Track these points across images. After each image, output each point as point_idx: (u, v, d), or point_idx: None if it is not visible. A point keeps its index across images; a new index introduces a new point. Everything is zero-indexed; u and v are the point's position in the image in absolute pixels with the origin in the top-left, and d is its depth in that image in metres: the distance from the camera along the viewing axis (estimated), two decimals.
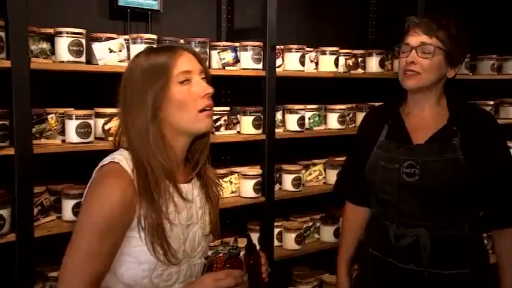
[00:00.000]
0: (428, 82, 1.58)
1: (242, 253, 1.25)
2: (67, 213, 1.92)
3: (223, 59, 2.27)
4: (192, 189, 1.26)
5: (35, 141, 1.82)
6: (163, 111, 1.17)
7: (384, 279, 1.66)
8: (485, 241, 1.66)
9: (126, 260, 1.16)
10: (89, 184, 1.19)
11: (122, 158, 1.17)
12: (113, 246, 1.14)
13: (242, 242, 1.28)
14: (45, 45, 1.86)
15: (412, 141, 1.61)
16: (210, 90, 1.21)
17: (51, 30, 1.90)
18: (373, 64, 2.76)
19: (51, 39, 1.89)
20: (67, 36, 1.88)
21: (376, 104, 2.76)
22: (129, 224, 1.15)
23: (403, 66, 1.60)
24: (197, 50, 2.16)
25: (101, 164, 1.19)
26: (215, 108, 2.34)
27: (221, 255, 1.22)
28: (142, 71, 1.18)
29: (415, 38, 1.57)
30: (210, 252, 1.31)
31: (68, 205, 1.92)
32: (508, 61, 3.29)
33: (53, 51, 1.90)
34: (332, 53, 2.57)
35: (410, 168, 1.57)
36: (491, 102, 3.20)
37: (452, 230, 1.57)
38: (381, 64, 2.76)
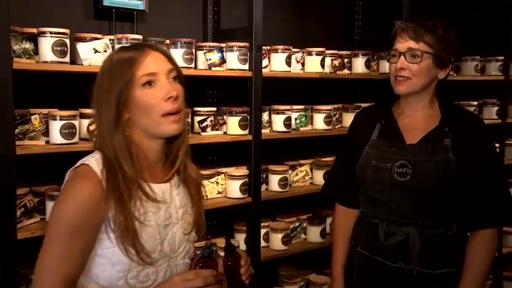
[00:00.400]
0: (419, 86, 1.61)
1: (222, 254, 1.25)
2: None
3: (210, 59, 2.26)
4: (170, 189, 1.25)
5: (18, 142, 1.80)
6: (130, 113, 1.17)
7: (371, 279, 1.67)
8: None
9: (100, 261, 1.16)
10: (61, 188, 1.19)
11: (93, 159, 1.17)
12: (85, 245, 1.14)
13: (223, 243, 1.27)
14: (28, 45, 1.84)
15: (405, 141, 1.62)
16: (173, 93, 1.16)
17: (34, 30, 1.88)
18: (359, 65, 2.78)
19: (34, 39, 1.87)
20: (51, 36, 1.85)
21: (362, 105, 2.79)
22: (99, 224, 1.14)
23: (393, 72, 1.63)
24: (183, 50, 2.16)
25: (73, 167, 1.19)
26: (202, 109, 2.36)
27: (197, 254, 1.23)
28: (109, 69, 1.18)
29: (403, 44, 1.60)
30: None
31: (51, 207, 1.89)
32: (491, 62, 3.34)
33: (36, 51, 1.87)
34: (318, 53, 2.58)
35: (402, 168, 1.59)
36: (475, 103, 3.24)
37: (441, 229, 1.59)
38: (367, 65, 2.78)
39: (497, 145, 3.29)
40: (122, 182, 1.14)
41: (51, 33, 1.86)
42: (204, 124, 2.32)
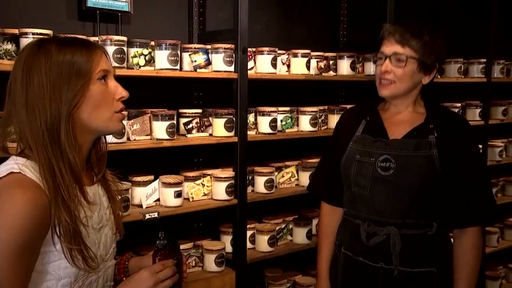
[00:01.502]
0: (402, 90, 1.63)
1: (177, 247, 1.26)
2: None
3: (195, 61, 2.25)
4: (98, 191, 1.22)
5: None
6: (77, 108, 1.11)
7: (354, 279, 1.68)
8: (452, 240, 1.70)
9: (44, 278, 1.08)
10: None
11: (21, 165, 1.06)
12: (31, 266, 1.05)
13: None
14: (9, 46, 1.81)
15: (389, 136, 1.65)
16: (125, 94, 1.17)
17: (16, 31, 1.85)
18: (344, 67, 2.79)
19: (16, 40, 1.84)
20: (33, 37, 1.83)
21: (348, 107, 2.80)
22: (44, 236, 1.06)
23: (378, 74, 1.65)
24: (168, 52, 2.15)
25: None
26: (187, 111, 2.36)
27: (156, 246, 1.23)
28: (59, 67, 1.08)
29: (389, 47, 1.62)
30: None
31: None
32: (473, 64, 3.39)
33: (18, 53, 1.85)
34: (304, 55, 2.59)
35: (385, 163, 1.60)
36: (458, 105, 3.29)
37: (421, 229, 1.60)
38: (352, 67, 2.80)
39: (479, 146, 3.34)
40: (62, 184, 1.07)
41: (33, 34, 1.83)
42: (190, 126, 2.31)
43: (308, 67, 2.61)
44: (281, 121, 2.57)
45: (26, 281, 1.05)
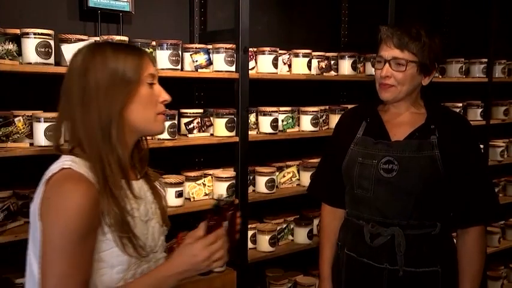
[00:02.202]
0: (403, 93, 1.63)
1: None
2: None
3: (196, 61, 2.26)
4: (143, 186, 1.28)
5: (1, 145, 1.78)
6: (126, 109, 1.18)
7: (359, 280, 1.68)
8: (455, 240, 1.71)
9: (98, 266, 1.14)
10: (40, 197, 1.12)
11: (71, 162, 1.14)
12: (91, 253, 1.11)
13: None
14: (11, 46, 1.82)
15: (390, 138, 1.64)
16: (168, 98, 1.25)
17: (18, 31, 1.85)
18: (345, 67, 2.79)
19: (17, 40, 1.85)
20: (34, 37, 1.83)
21: (349, 107, 2.81)
22: (98, 226, 1.13)
23: (378, 78, 1.65)
24: (169, 52, 2.15)
25: (48, 174, 1.14)
26: (189, 111, 2.36)
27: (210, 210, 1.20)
28: (113, 70, 1.16)
29: (388, 52, 1.61)
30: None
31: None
32: (475, 64, 3.39)
33: (19, 53, 1.85)
34: (305, 55, 2.59)
35: (388, 164, 1.60)
36: (460, 104, 3.28)
37: (424, 229, 1.60)
38: (353, 67, 2.80)
39: (481, 146, 3.33)
40: (111, 177, 1.14)
41: (34, 34, 1.84)
42: (191, 126, 2.31)
43: (309, 67, 2.61)
44: (282, 121, 2.57)
45: (86, 265, 1.10)
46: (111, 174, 1.14)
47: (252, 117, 2.46)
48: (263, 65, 2.48)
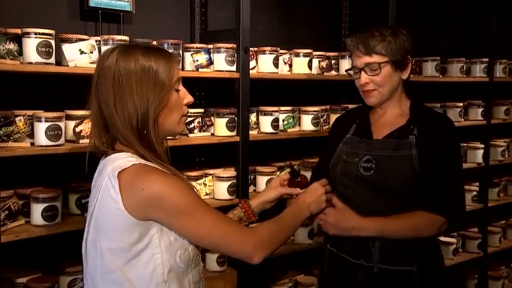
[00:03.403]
0: (387, 94, 1.68)
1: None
2: (36, 217, 1.87)
3: (197, 61, 2.26)
4: None
5: (2, 144, 1.78)
6: (161, 113, 1.24)
7: (337, 275, 1.71)
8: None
9: (181, 244, 1.23)
10: (118, 191, 1.17)
11: (134, 158, 1.21)
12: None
13: None
14: (12, 46, 1.82)
15: (373, 137, 1.68)
16: (192, 99, 1.32)
17: (19, 31, 1.85)
18: (346, 66, 2.78)
19: (18, 39, 1.85)
20: (35, 37, 1.83)
21: (350, 106, 2.81)
22: None
23: (359, 87, 1.70)
24: (170, 51, 2.14)
25: (118, 168, 1.18)
26: (189, 110, 2.34)
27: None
28: (146, 73, 1.20)
29: (359, 60, 1.66)
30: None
31: (36, 209, 1.87)
32: (476, 64, 3.39)
33: (20, 52, 1.85)
34: (306, 55, 2.59)
35: (367, 163, 1.64)
36: (460, 104, 3.28)
37: None
38: None
39: (482, 146, 3.34)
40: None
41: (35, 33, 1.84)
42: (192, 125, 2.31)
43: (310, 67, 2.60)
44: (283, 121, 2.57)
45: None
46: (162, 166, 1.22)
47: (252, 117, 2.46)
48: (264, 64, 2.48)
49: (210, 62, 2.29)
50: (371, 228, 1.58)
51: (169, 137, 2.13)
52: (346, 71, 1.78)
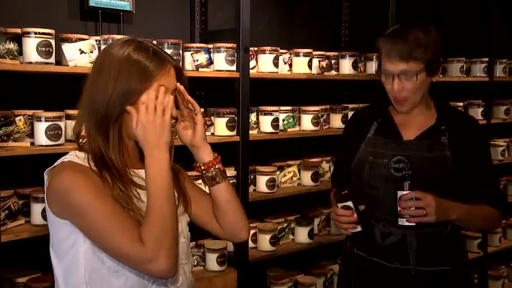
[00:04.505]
0: (418, 100, 1.63)
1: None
2: (36, 217, 1.88)
3: (197, 60, 2.26)
4: None
5: (2, 144, 1.78)
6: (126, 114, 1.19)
7: (369, 280, 1.68)
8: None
9: None
10: (45, 191, 1.17)
11: (71, 157, 1.19)
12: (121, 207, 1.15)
13: None
14: (12, 46, 1.82)
15: (402, 138, 1.65)
16: (174, 113, 1.21)
17: (19, 30, 1.85)
18: (346, 66, 2.79)
19: (18, 39, 1.85)
20: (35, 37, 1.83)
21: (350, 106, 2.81)
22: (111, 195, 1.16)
23: (390, 92, 1.62)
24: (170, 51, 2.15)
25: (50, 167, 1.19)
26: None
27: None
28: (127, 69, 1.15)
29: (394, 66, 1.57)
30: None
31: (36, 209, 1.87)
32: (476, 64, 3.39)
33: (20, 52, 1.85)
34: (306, 54, 2.59)
35: (399, 164, 1.61)
36: (461, 104, 3.28)
37: (436, 228, 1.60)
38: (354, 66, 2.80)
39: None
40: (112, 167, 1.16)
41: (35, 33, 1.84)
42: None
43: (310, 66, 2.60)
44: (283, 120, 2.57)
45: (123, 211, 1.13)
46: (112, 164, 1.16)
47: (252, 117, 2.46)
48: (264, 64, 2.48)
49: (210, 62, 2.29)
50: (456, 210, 1.54)
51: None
52: (376, 72, 1.70)
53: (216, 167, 1.32)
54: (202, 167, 1.32)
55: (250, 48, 2.37)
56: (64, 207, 1.14)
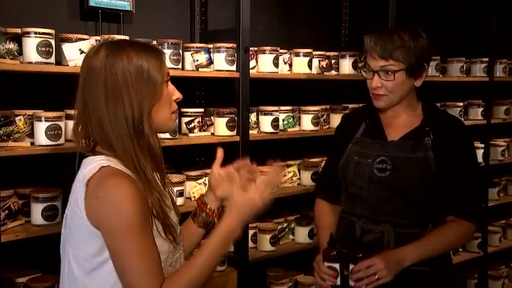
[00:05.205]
0: (396, 100, 1.65)
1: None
2: (36, 217, 1.88)
3: (197, 60, 2.26)
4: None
5: (2, 144, 1.78)
6: (153, 108, 1.21)
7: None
8: None
9: None
10: (83, 198, 1.14)
11: (107, 161, 1.17)
12: (153, 240, 1.16)
13: None
14: (12, 46, 1.82)
15: (387, 138, 1.66)
16: (180, 96, 1.29)
17: (19, 30, 1.85)
18: (346, 66, 2.79)
19: (18, 39, 1.85)
20: (35, 37, 1.83)
21: (350, 106, 2.81)
22: (149, 215, 1.17)
23: (369, 88, 1.66)
24: (170, 51, 2.15)
25: (88, 174, 1.15)
26: (189, 110, 2.36)
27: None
28: (138, 67, 1.17)
29: (374, 62, 1.61)
30: None
31: (36, 209, 1.87)
32: (476, 64, 3.39)
33: (20, 52, 1.85)
34: (305, 54, 2.59)
35: (382, 164, 1.62)
36: (461, 104, 3.28)
37: (415, 228, 1.61)
38: (354, 66, 2.80)
39: (482, 145, 3.34)
40: (147, 171, 1.18)
41: (35, 33, 1.84)
42: (192, 125, 2.31)
43: (310, 66, 2.60)
44: (283, 120, 2.57)
45: (155, 249, 1.14)
46: (146, 169, 1.17)
47: (252, 117, 2.46)
48: (264, 64, 2.48)
49: (210, 62, 2.29)
50: (411, 256, 1.55)
51: (169, 137, 2.16)
52: (359, 68, 1.73)
53: (216, 220, 1.39)
54: (208, 211, 1.40)
55: (250, 48, 2.37)
56: (104, 219, 1.12)
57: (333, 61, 2.74)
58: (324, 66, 2.67)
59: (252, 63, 2.44)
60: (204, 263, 1.17)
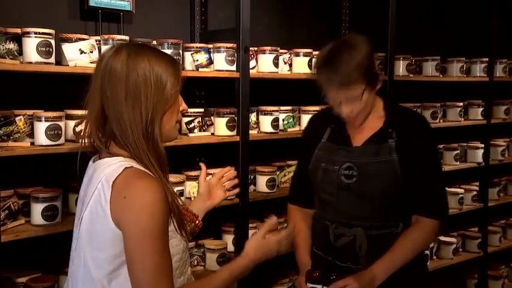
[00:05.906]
0: (369, 112, 1.64)
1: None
2: (36, 217, 1.88)
3: (197, 60, 2.26)
4: None
5: (2, 144, 1.77)
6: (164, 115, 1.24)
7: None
8: None
9: None
10: (108, 200, 1.14)
11: (129, 163, 1.18)
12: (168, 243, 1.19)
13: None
14: (12, 46, 1.82)
15: (352, 144, 1.66)
16: (187, 108, 1.34)
17: (19, 30, 1.85)
18: None
19: (18, 39, 1.84)
20: (35, 37, 1.83)
21: None
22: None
23: (340, 115, 1.62)
24: (170, 51, 2.15)
25: (113, 175, 1.15)
26: (189, 110, 2.34)
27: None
28: (158, 75, 1.20)
29: (337, 95, 1.58)
30: None
31: (37, 209, 1.87)
32: (476, 64, 3.39)
33: (20, 52, 1.85)
34: (306, 54, 2.59)
35: (348, 170, 1.63)
36: (461, 104, 3.28)
37: (387, 229, 1.63)
38: None
39: (482, 145, 3.34)
40: (160, 173, 1.20)
41: (35, 33, 1.83)
42: (192, 125, 2.31)
43: (310, 66, 2.60)
44: (283, 120, 2.57)
45: (170, 267, 1.17)
46: (157, 169, 1.19)
47: (252, 117, 2.46)
48: (264, 64, 2.48)
49: (210, 62, 2.29)
50: (382, 273, 1.57)
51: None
52: (321, 99, 1.64)
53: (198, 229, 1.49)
54: (197, 222, 1.49)
55: (250, 48, 2.37)
56: (127, 220, 1.12)
57: None
58: None
59: (252, 63, 2.44)
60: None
